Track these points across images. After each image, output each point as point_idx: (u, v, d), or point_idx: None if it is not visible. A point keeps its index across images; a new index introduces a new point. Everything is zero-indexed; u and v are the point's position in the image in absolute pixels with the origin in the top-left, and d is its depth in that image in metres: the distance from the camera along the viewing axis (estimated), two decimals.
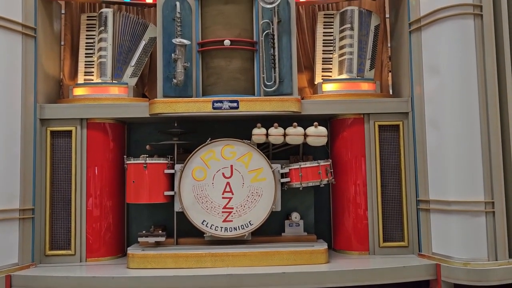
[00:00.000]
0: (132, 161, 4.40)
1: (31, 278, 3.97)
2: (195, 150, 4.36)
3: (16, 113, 4.22)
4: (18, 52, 4.25)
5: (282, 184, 4.43)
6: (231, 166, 4.37)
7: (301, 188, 4.42)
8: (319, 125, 4.44)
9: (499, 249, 3.92)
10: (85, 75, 4.85)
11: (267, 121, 4.44)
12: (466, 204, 3.98)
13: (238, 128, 4.62)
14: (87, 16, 4.92)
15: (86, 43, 4.88)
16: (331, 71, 4.94)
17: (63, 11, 5.08)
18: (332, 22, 4.99)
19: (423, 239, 4.35)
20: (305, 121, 4.51)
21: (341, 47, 4.86)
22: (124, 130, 4.88)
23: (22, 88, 4.26)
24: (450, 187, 4.08)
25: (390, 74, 5.24)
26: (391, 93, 5.16)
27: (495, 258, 3.92)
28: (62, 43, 5.06)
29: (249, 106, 4.40)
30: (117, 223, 4.71)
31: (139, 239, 4.38)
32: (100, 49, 4.74)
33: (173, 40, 4.40)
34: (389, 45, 5.24)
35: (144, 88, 5.25)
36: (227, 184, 4.36)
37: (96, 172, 4.56)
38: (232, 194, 4.36)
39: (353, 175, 4.64)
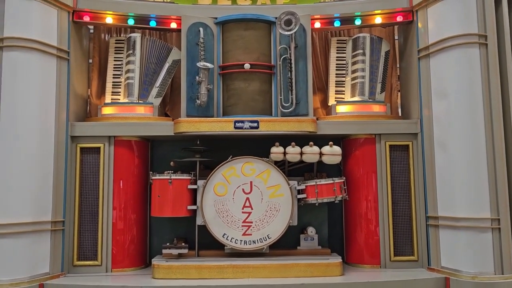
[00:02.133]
0: (157, 177, 4.65)
1: (62, 287, 4.20)
2: (217, 167, 4.62)
3: (50, 130, 4.49)
4: (53, 74, 4.55)
5: (299, 200, 4.68)
6: (251, 182, 4.62)
7: (317, 204, 4.66)
8: (333, 144, 4.70)
9: (505, 264, 4.15)
10: (112, 95, 5.14)
11: (283, 139, 4.71)
12: (473, 220, 4.23)
13: (256, 146, 4.88)
14: (116, 40, 5.23)
15: (114, 65, 5.17)
16: (344, 93, 5.23)
17: (91, 30, 5.38)
18: (345, 47, 5.29)
19: (432, 254, 4.58)
20: (320, 140, 4.78)
21: (353, 71, 5.15)
22: (148, 147, 5.15)
23: (56, 108, 4.55)
24: (458, 204, 4.33)
25: (399, 94, 5.52)
26: (400, 113, 5.44)
27: (501, 272, 4.15)
28: (90, 61, 5.35)
29: (269, 126, 4.67)
30: (140, 236, 4.94)
31: (163, 251, 4.59)
32: (128, 71, 5.03)
33: (198, 64, 4.70)
34: (398, 65, 5.53)
35: (165, 107, 5.53)
36: (247, 199, 4.61)
37: (122, 186, 4.80)
38: (252, 209, 4.60)
39: (365, 192, 4.88)
